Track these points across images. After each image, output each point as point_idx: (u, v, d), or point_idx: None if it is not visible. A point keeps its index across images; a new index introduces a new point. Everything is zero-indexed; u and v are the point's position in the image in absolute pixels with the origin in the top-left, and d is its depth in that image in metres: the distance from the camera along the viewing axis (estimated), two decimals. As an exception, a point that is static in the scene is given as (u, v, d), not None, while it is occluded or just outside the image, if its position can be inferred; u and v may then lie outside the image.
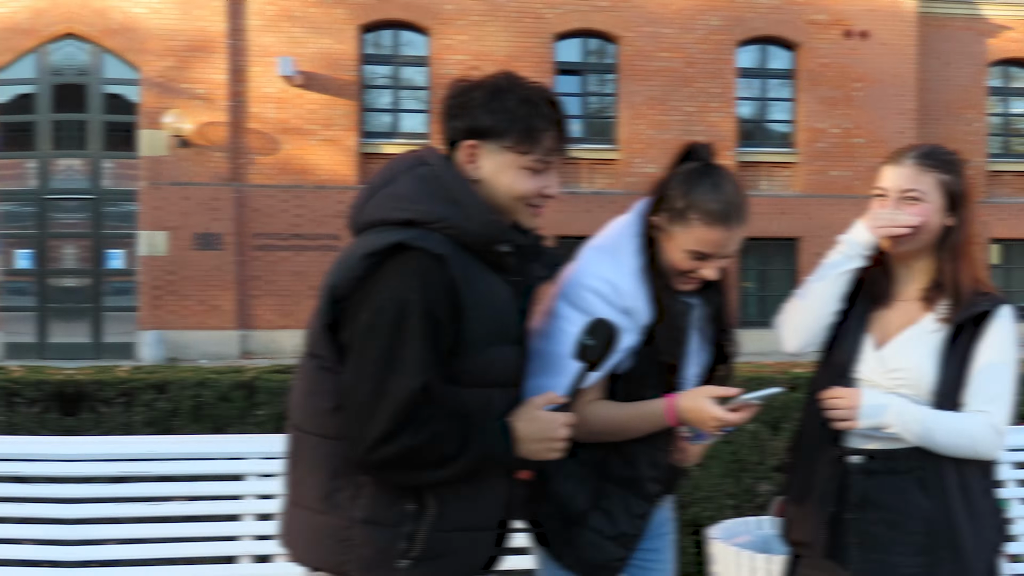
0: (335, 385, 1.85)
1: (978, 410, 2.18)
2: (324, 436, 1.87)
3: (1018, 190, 18.75)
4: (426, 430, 1.79)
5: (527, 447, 1.91)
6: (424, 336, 1.80)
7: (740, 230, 2.19)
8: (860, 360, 2.28)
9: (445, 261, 1.82)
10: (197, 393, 4.28)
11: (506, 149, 1.93)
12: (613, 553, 2.24)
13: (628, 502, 2.24)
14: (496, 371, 1.92)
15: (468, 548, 1.93)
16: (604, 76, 17.23)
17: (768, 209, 17.08)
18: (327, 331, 1.87)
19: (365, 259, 1.83)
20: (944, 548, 2.15)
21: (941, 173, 2.25)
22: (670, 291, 2.24)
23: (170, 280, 15.63)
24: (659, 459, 2.26)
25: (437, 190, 1.90)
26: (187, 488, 3.24)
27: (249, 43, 15.81)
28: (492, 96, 1.94)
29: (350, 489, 1.84)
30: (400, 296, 1.80)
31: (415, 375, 1.78)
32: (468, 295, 1.85)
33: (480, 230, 1.89)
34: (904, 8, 17.42)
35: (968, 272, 2.25)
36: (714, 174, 2.20)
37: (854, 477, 2.23)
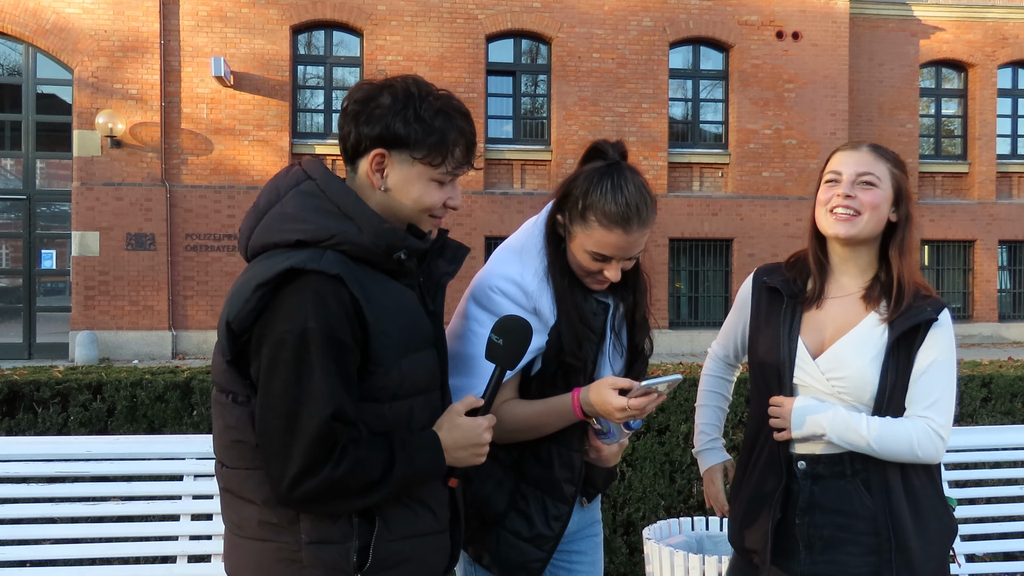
0: (250, 418, 1.78)
1: (919, 415, 2.17)
2: (251, 469, 1.80)
3: (949, 191, 18.91)
4: (346, 460, 1.72)
5: (453, 455, 1.87)
6: (329, 364, 1.72)
7: (642, 232, 2.13)
8: (796, 366, 2.25)
9: (341, 281, 1.74)
10: (133, 394, 4.29)
11: (416, 160, 1.85)
12: (531, 554, 2.21)
13: (545, 504, 2.22)
14: (414, 380, 1.85)
15: (422, 554, 1.89)
16: (536, 77, 17.27)
17: (700, 210, 17.21)
18: (232, 367, 1.80)
19: (258, 290, 1.74)
20: (892, 549, 2.15)
21: (892, 165, 2.24)
22: (577, 291, 2.20)
23: (103, 280, 15.61)
24: (573, 460, 2.23)
25: (325, 205, 1.82)
26: (123, 488, 3.22)
27: (182, 43, 15.80)
28: (405, 104, 1.83)
29: (291, 514, 1.78)
30: (299, 326, 1.71)
31: (324, 406, 1.70)
32: (371, 311, 1.77)
33: (374, 241, 1.81)
34: (836, 9, 17.52)
35: (909, 272, 2.22)
36: (616, 174, 2.12)
37: (800, 482, 2.22)
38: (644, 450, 4.33)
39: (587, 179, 2.14)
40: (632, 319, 2.31)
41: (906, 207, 2.24)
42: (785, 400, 2.23)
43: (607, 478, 2.40)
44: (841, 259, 2.28)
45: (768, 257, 16.14)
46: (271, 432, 1.73)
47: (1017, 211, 18.88)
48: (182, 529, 3.20)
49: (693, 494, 4.38)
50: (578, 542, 2.40)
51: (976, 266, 18.75)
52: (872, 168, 2.21)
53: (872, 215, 2.20)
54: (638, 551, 4.28)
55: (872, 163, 2.22)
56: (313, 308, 1.72)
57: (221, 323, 1.81)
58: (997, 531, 3.47)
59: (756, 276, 2.43)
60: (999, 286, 18.99)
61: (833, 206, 2.21)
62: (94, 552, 3.14)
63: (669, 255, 17.08)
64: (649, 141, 16.92)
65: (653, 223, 2.16)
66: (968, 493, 3.55)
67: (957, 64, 18.93)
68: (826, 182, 2.26)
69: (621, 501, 4.33)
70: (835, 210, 2.21)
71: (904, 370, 2.18)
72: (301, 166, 1.90)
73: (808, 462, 2.22)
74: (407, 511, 1.85)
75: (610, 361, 2.28)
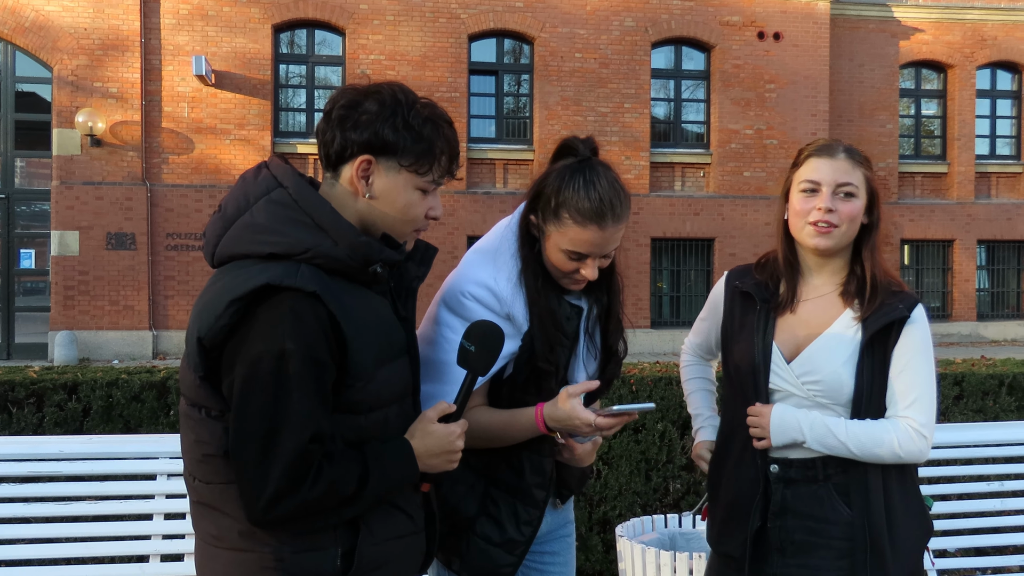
0: (225, 433, 1.74)
1: (899, 415, 2.15)
2: (226, 483, 1.76)
3: (928, 191, 19.05)
4: (322, 480, 1.69)
5: (426, 462, 1.85)
6: (308, 384, 1.68)
7: (617, 228, 2.09)
8: (771, 371, 2.22)
9: (319, 298, 1.69)
10: (108, 393, 4.25)
11: (403, 168, 1.81)
12: (501, 559, 2.19)
13: (516, 509, 2.20)
14: (389, 389, 1.83)
15: (401, 555, 1.88)
16: (519, 76, 17.29)
17: (682, 210, 17.27)
18: (206, 383, 1.74)
19: (231, 305, 1.69)
20: (865, 552, 2.13)
21: (866, 169, 2.22)
22: (551, 295, 2.17)
23: (82, 280, 15.51)
24: (544, 465, 2.21)
25: (298, 216, 1.75)
26: (97, 488, 3.20)
27: (163, 42, 15.73)
28: (394, 111, 1.80)
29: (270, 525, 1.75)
30: (276, 346, 1.66)
31: (302, 429, 1.67)
32: (349, 328, 1.73)
33: (350, 254, 1.76)
34: (817, 10, 17.62)
35: (880, 270, 2.21)
36: (588, 170, 2.09)
37: (773, 486, 2.21)
38: (620, 448, 4.34)
39: (559, 177, 2.10)
40: (606, 320, 2.28)
41: (878, 209, 2.24)
42: (763, 409, 2.20)
43: (581, 479, 2.38)
44: (814, 264, 2.27)
45: (750, 257, 16.17)
46: (246, 454, 1.69)
47: (995, 211, 19.05)
48: (155, 528, 3.19)
49: (669, 492, 4.40)
50: (550, 543, 2.39)
51: (955, 266, 18.91)
52: (850, 177, 2.19)
53: (850, 227, 2.20)
54: (614, 548, 4.30)
55: (850, 171, 2.20)
56: (291, 328, 1.67)
57: (191, 337, 1.76)
58: (968, 527, 3.51)
59: (728, 280, 2.41)
60: (977, 285, 19.15)
61: (814, 220, 2.18)
62: (67, 552, 3.13)
63: (651, 255, 17.13)
64: (631, 141, 16.97)
65: (627, 218, 2.13)
66: (940, 490, 3.59)
67: (937, 65, 19.08)
68: (802, 191, 2.22)
69: (597, 499, 4.35)
70: (815, 223, 2.18)
71: (880, 370, 2.16)
72: (270, 170, 1.83)
73: (781, 466, 2.21)
74: (386, 515, 1.84)
75: (584, 364, 2.26)
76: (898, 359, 2.16)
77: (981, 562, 3.49)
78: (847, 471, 2.16)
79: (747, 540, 2.22)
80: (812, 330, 2.22)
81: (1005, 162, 19.38)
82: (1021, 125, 19.51)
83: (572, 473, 2.32)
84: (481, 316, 2.08)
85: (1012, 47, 19.04)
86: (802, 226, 2.21)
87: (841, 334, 2.19)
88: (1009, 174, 19.38)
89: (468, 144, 16.52)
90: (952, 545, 3.50)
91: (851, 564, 2.14)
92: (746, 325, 2.30)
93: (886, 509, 2.15)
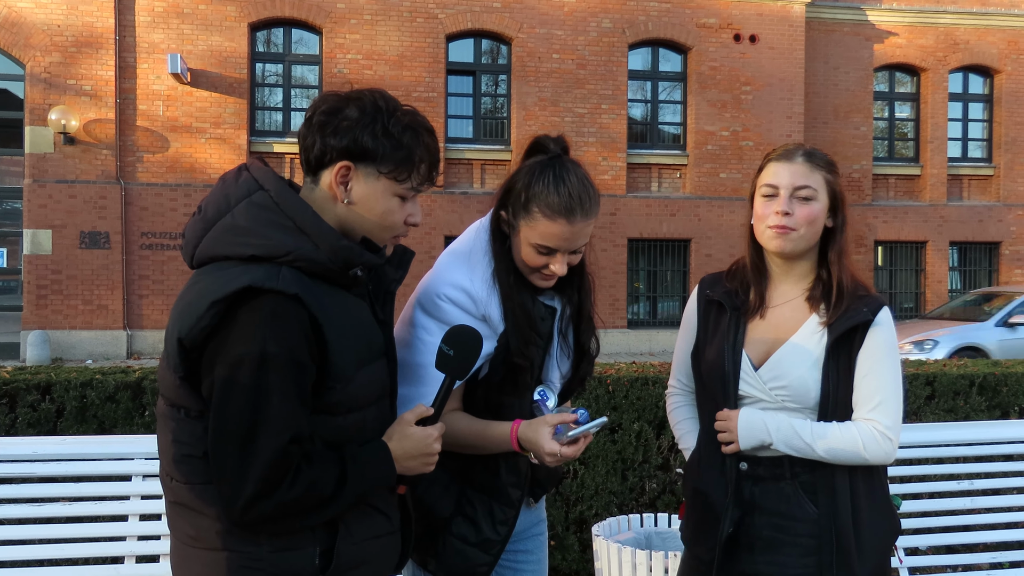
0: (205, 433, 1.75)
1: (865, 418, 2.17)
2: (205, 483, 1.76)
3: (902, 193, 19.24)
4: (300, 482, 1.71)
5: (403, 464, 1.87)
6: (289, 386, 1.70)
7: (586, 223, 2.12)
8: (740, 378, 2.25)
9: (300, 300, 1.71)
10: (82, 394, 4.17)
11: (382, 175, 1.83)
12: (477, 559, 2.20)
13: (492, 508, 2.22)
14: (368, 391, 1.84)
15: (378, 554, 1.90)
16: (496, 76, 17.30)
17: (659, 211, 17.34)
18: (186, 383, 1.76)
19: (213, 307, 1.70)
20: (831, 550, 2.16)
21: (827, 172, 2.23)
22: (525, 294, 2.19)
23: (55, 279, 15.36)
24: (520, 465, 2.23)
25: (279, 219, 1.77)
26: (71, 489, 3.18)
27: (138, 39, 15.61)
28: (374, 117, 1.81)
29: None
30: (256, 348, 1.68)
31: (282, 431, 1.68)
32: (330, 330, 1.75)
33: (331, 258, 1.78)
34: (793, 13, 17.75)
35: (846, 274, 2.22)
36: (558, 166, 2.12)
37: (742, 483, 2.24)
38: (597, 448, 4.36)
39: (529, 172, 2.14)
40: (578, 319, 2.30)
41: (842, 212, 2.25)
42: (731, 413, 2.24)
43: (554, 477, 2.41)
44: (780, 268, 2.30)
45: (726, 257, 16.30)
46: (225, 454, 1.70)
47: (967, 213, 19.27)
48: (130, 530, 3.17)
49: (645, 492, 4.43)
50: (524, 542, 2.40)
51: (928, 267, 19.11)
52: (808, 180, 2.20)
53: (808, 229, 2.21)
54: (590, 548, 4.32)
55: (808, 175, 2.21)
56: (271, 330, 1.68)
57: (171, 338, 1.76)
58: (939, 525, 3.56)
59: (700, 290, 2.44)
60: (950, 286, 19.36)
61: (772, 223, 2.21)
62: (41, 554, 3.11)
63: (627, 255, 17.19)
64: (608, 142, 17.02)
65: (596, 215, 2.16)
66: (912, 488, 3.63)
67: (910, 68, 19.27)
68: (763, 195, 2.25)
69: (574, 499, 4.36)
70: (773, 227, 2.21)
71: (846, 374, 2.19)
72: (250, 173, 1.84)
73: (750, 463, 2.24)
74: (364, 515, 1.86)
75: (557, 363, 2.28)
76: (863, 362, 2.19)
77: (952, 559, 3.54)
78: (814, 470, 2.19)
79: (717, 546, 2.25)
80: (780, 335, 2.25)
81: (977, 165, 19.61)
82: (992, 128, 19.75)
83: (542, 471, 2.34)
84: (457, 318, 2.10)
85: (984, 51, 19.28)
86: (763, 230, 2.24)
87: (807, 339, 2.21)
88: (981, 176, 19.61)
89: (445, 144, 16.50)
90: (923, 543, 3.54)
91: (818, 562, 2.17)
92: (718, 333, 2.32)
93: (852, 509, 2.18)
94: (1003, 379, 4.80)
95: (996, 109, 19.62)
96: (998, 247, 19.56)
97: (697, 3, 17.37)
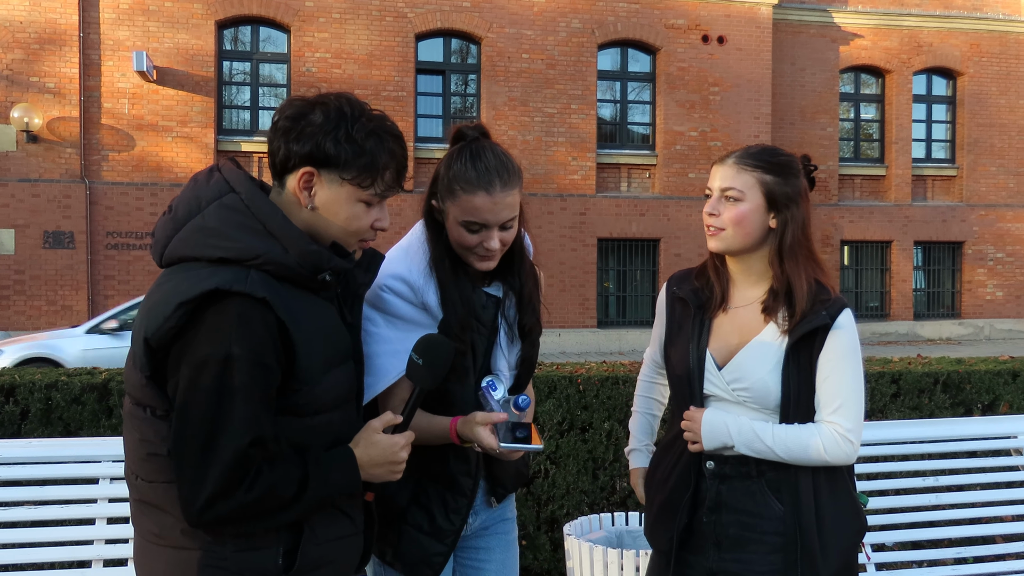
0: (170, 432, 1.75)
1: (826, 421, 2.18)
2: (169, 481, 1.76)
3: (867, 193, 19.48)
4: (260, 484, 1.71)
5: (369, 471, 1.88)
6: (253, 389, 1.70)
7: (506, 193, 2.16)
8: (705, 377, 2.26)
9: (267, 304, 1.71)
10: (47, 396, 4.10)
11: (346, 181, 1.82)
12: (432, 548, 2.23)
13: (444, 497, 2.24)
14: (335, 394, 1.85)
15: (343, 553, 1.91)
16: (466, 76, 17.30)
17: (628, 210, 17.43)
18: (152, 383, 1.76)
19: (180, 308, 1.70)
20: (798, 549, 2.17)
21: (763, 173, 2.22)
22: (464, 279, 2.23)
23: (18, 280, 15.16)
24: (467, 453, 2.25)
25: (249, 223, 1.77)
26: (37, 492, 3.11)
27: (102, 37, 15.44)
28: (338, 123, 1.80)
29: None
30: (222, 350, 1.68)
31: (243, 434, 1.69)
32: (297, 334, 1.75)
33: (300, 262, 1.78)
34: (760, 15, 17.91)
35: (803, 276, 2.21)
36: (474, 146, 2.19)
37: (708, 482, 2.25)
38: (568, 447, 4.37)
39: (449, 157, 2.20)
40: (520, 304, 2.33)
41: (788, 212, 2.24)
42: (696, 413, 2.25)
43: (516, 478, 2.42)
44: (735, 269, 2.32)
45: (695, 257, 16.41)
46: (186, 455, 1.70)
47: (931, 213, 19.55)
48: (98, 533, 3.12)
49: (616, 490, 4.44)
50: (485, 539, 2.42)
51: (893, 266, 19.36)
52: (734, 182, 2.22)
53: (737, 230, 2.23)
54: (562, 547, 4.33)
55: (734, 176, 2.23)
56: (237, 332, 1.69)
57: (138, 337, 1.76)
58: (905, 521, 3.60)
59: (668, 286, 2.47)
60: (914, 285, 19.63)
61: (705, 223, 2.28)
62: (6, 558, 3.05)
63: (597, 255, 17.26)
64: (578, 142, 17.07)
65: (517, 187, 2.20)
66: (878, 485, 3.67)
67: (875, 70, 19.52)
68: (705, 197, 2.31)
69: (545, 498, 4.37)
70: (706, 226, 2.28)
71: (806, 376, 2.20)
72: (222, 174, 1.84)
73: (716, 462, 2.26)
74: (329, 517, 1.86)
75: (504, 352, 2.31)
76: (823, 365, 2.20)
77: (918, 555, 3.57)
78: (779, 468, 2.21)
79: (673, 536, 2.28)
80: (743, 337, 2.27)
81: (940, 165, 19.89)
82: (955, 129, 20.05)
83: (506, 471, 2.36)
84: (398, 307, 2.17)
85: (947, 53, 19.56)
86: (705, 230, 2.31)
87: (768, 342, 2.23)
88: (944, 177, 19.90)
89: (415, 144, 16.48)
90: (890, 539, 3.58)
91: (783, 559, 2.19)
92: (683, 331, 2.35)
93: (816, 507, 2.20)
94: (966, 377, 4.87)
95: (959, 111, 19.92)
96: (961, 246, 19.87)
97: (666, 4, 17.47)
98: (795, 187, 2.25)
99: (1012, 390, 4.92)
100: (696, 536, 2.29)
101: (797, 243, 2.24)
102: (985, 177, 19.83)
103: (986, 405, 4.90)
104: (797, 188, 2.25)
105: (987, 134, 19.83)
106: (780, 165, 2.26)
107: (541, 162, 16.83)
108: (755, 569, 2.22)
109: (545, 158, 16.88)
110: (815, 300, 2.21)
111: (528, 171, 16.64)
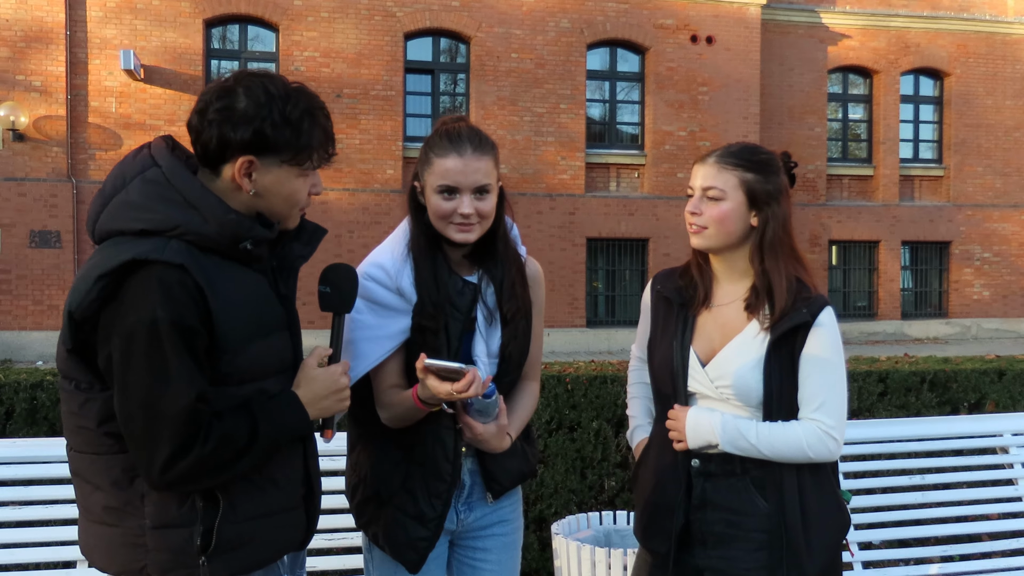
0: (96, 405, 1.81)
1: (809, 418, 2.21)
2: (96, 454, 1.83)
3: (855, 193, 19.55)
4: (213, 436, 1.76)
5: (316, 407, 1.95)
6: (183, 348, 1.75)
7: (477, 157, 2.23)
8: (689, 375, 2.29)
9: (186, 270, 1.76)
10: (32, 396, 4.10)
11: (284, 163, 1.88)
12: (416, 532, 2.27)
13: (427, 482, 2.28)
14: (263, 364, 1.89)
15: (271, 532, 1.92)
16: (455, 76, 17.27)
17: (617, 210, 17.43)
18: (74, 355, 1.81)
19: (99, 280, 1.74)
20: (782, 546, 2.20)
21: (744, 172, 2.25)
22: (440, 261, 2.30)
23: (5, 279, 15.07)
24: (443, 437, 2.28)
25: (169, 194, 1.82)
26: (22, 493, 3.12)
27: (89, 35, 15.35)
28: (270, 108, 1.83)
29: (134, 500, 1.81)
30: (148, 316, 1.72)
31: (186, 390, 1.74)
32: (215, 301, 1.79)
33: (219, 231, 1.82)
34: (748, 15, 17.94)
35: (783, 274, 2.24)
36: (450, 124, 2.29)
37: (694, 480, 2.28)
38: (556, 447, 4.37)
39: (427, 138, 2.32)
40: (499, 291, 2.35)
41: (769, 210, 2.26)
42: (680, 412, 2.28)
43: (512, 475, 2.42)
44: (719, 267, 2.35)
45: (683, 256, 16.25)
46: (135, 422, 1.75)
47: (918, 213, 19.62)
48: (83, 533, 3.11)
49: (604, 490, 4.44)
50: (483, 539, 2.43)
51: (880, 266, 19.42)
52: (715, 181, 2.26)
53: (719, 228, 2.26)
54: (550, 547, 4.33)
55: (715, 176, 2.26)
56: (160, 296, 1.73)
57: (65, 312, 1.81)
58: (892, 519, 3.62)
59: (652, 284, 2.49)
60: (902, 285, 19.70)
61: (687, 222, 2.32)
62: (-9, 558, 3.05)
63: (586, 255, 17.26)
64: (567, 141, 17.07)
65: (490, 155, 2.26)
66: (865, 483, 3.69)
67: (863, 70, 19.58)
68: (687, 195, 2.35)
69: (533, 497, 4.37)
70: (688, 224, 2.32)
71: (789, 373, 2.22)
72: (150, 151, 1.90)
73: (702, 460, 2.28)
74: (255, 490, 1.88)
75: (484, 339, 2.34)
76: (805, 363, 2.22)
77: (904, 553, 3.59)
78: (764, 466, 2.24)
79: (672, 537, 2.29)
80: (726, 334, 2.29)
81: (928, 166, 19.97)
82: (943, 130, 20.13)
83: (500, 466, 2.38)
84: (376, 293, 2.26)
85: (934, 54, 19.64)
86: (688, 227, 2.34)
87: (750, 340, 2.25)
88: (931, 177, 19.98)
89: (404, 143, 16.45)
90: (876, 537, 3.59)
91: (768, 556, 2.21)
92: (667, 329, 2.37)
93: (800, 505, 2.22)
94: (953, 376, 4.90)
95: (946, 111, 20.00)
96: (948, 246, 19.95)
97: (655, 4, 17.49)
98: (776, 184, 2.28)
99: (998, 389, 4.94)
100: (683, 533, 2.31)
101: (778, 240, 2.26)
102: (972, 177, 19.92)
103: (972, 404, 4.92)
104: (778, 185, 2.28)
105: (974, 134, 19.92)
106: (760, 163, 2.28)
107: (530, 162, 16.83)
108: (741, 566, 2.24)
109: (534, 158, 16.88)
110: (796, 297, 2.23)
111: (517, 171, 16.63)
